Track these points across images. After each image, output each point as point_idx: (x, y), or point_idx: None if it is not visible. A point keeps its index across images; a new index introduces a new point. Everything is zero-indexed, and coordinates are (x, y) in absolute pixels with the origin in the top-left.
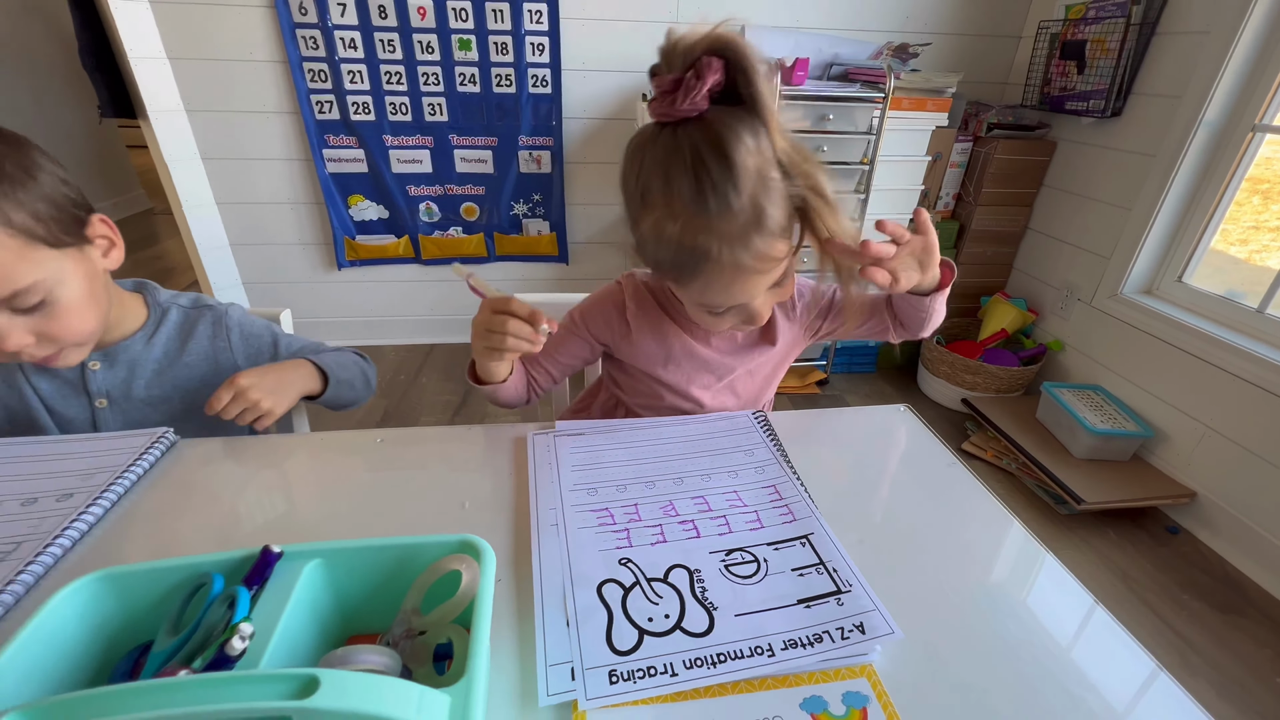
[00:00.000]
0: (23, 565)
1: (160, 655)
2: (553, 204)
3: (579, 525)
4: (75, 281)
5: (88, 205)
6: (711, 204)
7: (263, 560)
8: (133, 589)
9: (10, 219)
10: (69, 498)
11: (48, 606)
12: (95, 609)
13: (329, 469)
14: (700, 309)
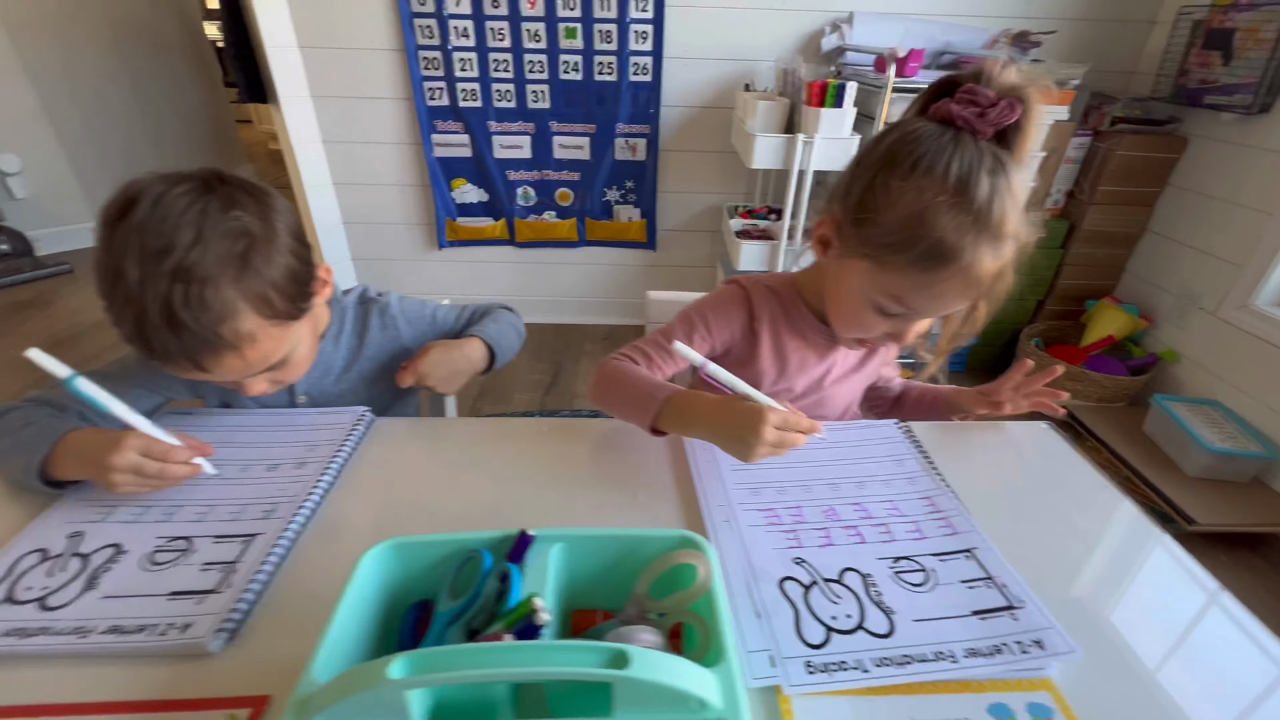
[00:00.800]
0: (285, 524)
1: (445, 615)
2: (645, 191)
3: (749, 523)
4: (307, 335)
5: (313, 262)
6: (995, 210)
7: (521, 542)
8: (412, 556)
9: (275, 309)
10: (303, 465)
11: (361, 565)
12: (383, 569)
13: (504, 453)
14: (873, 306)
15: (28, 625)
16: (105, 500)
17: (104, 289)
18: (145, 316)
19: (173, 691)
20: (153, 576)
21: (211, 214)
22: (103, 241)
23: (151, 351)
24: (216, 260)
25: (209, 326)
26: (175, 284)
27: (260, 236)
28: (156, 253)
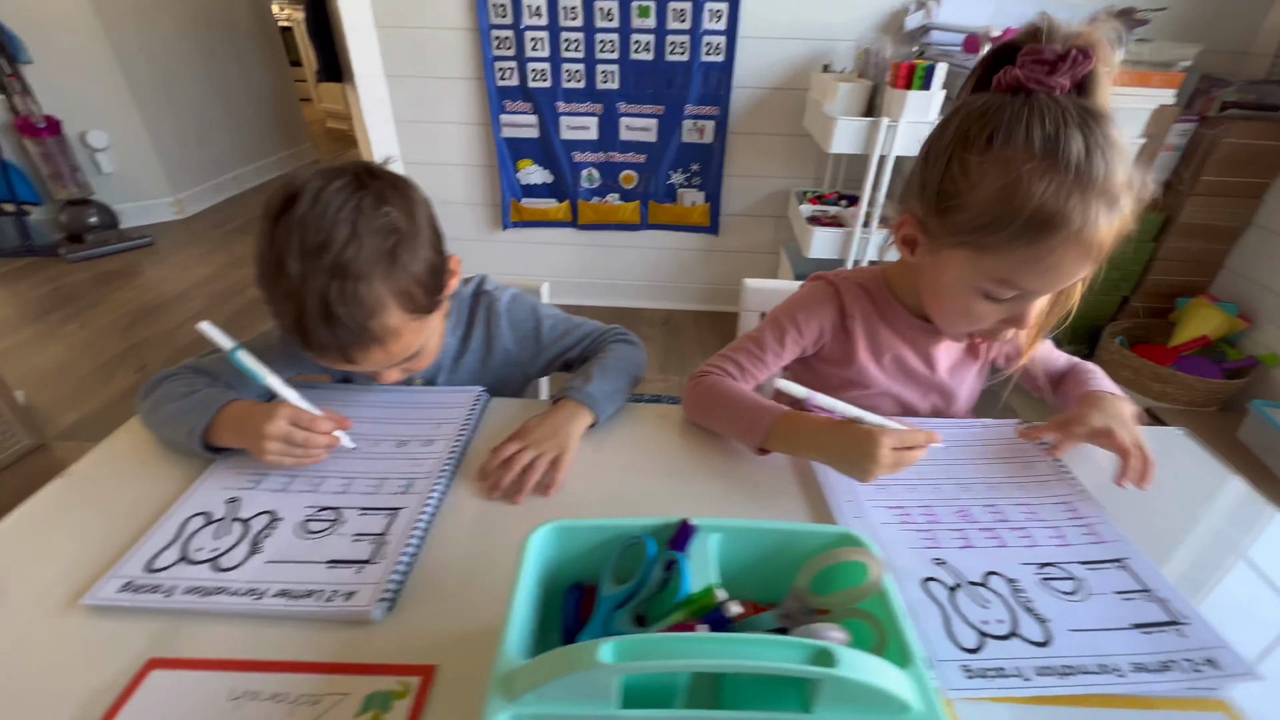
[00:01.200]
0: (424, 500)
1: (611, 599)
2: (710, 175)
3: (881, 520)
4: (439, 326)
5: (446, 254)
6: (1099, 167)
7: (682, 531)
8: (571, 539)
9: (417, 304)
10: (431, 443)
11: (530, 546)
12: (544, 551)
13: (622, 438)
14: (981, 295)
15: (205, 584)
16: (255, 469)
17: (265, 282)
18: (304, 311)
19: (343, 655)
20: (309, 544)
21: (365, 210)
22: (265, 235)
23: (308, 344)
24: (369, 257)
25: (360, 321)
26: (332, 280)
27: (406, 232)
28: (316, 248)
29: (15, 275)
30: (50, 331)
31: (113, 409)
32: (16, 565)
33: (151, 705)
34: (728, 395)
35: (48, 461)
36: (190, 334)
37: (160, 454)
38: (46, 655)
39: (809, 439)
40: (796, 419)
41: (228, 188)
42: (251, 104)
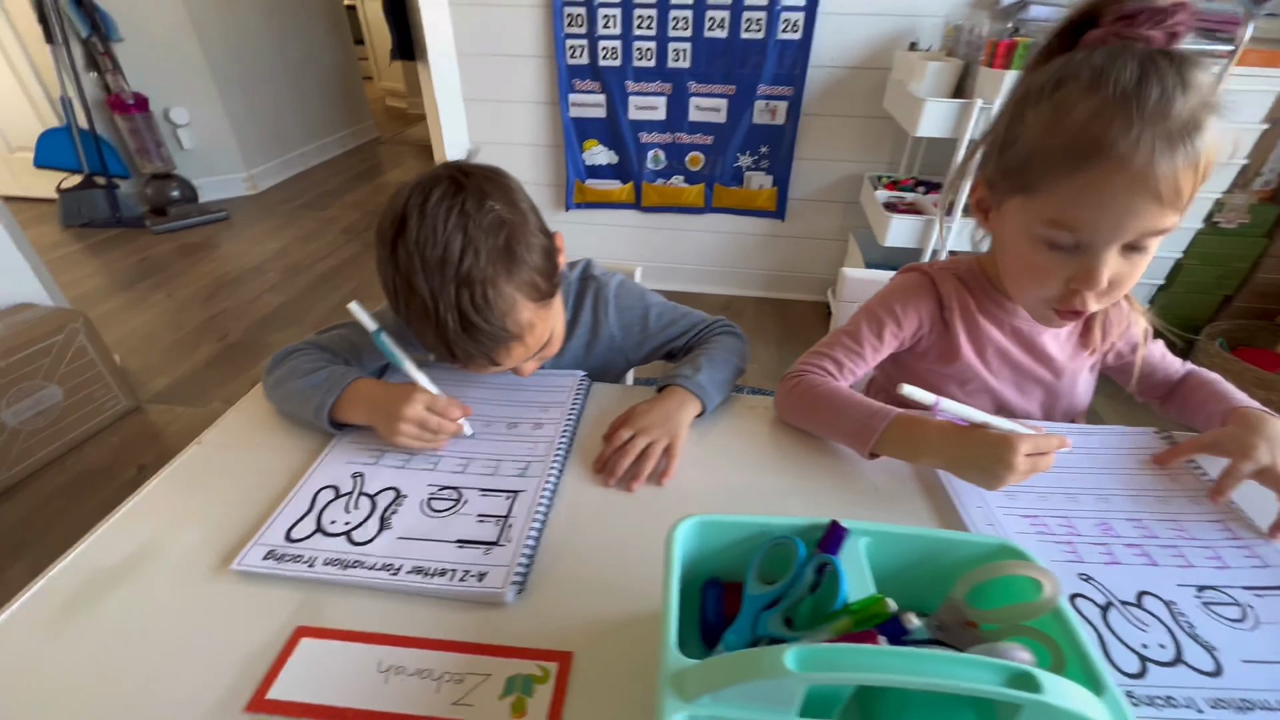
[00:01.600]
0: (542, 483)
1: (758, 599)
2: (779, 157)
3: (1017, 530)
4: (561, 309)
5: (551, 234)
6: (1152, 92)
7: (832, 533)
8: (711, 534)
9: (540, 291)
10: (541, 426)
11: (676, 541)
12: (683, 544)
13: (724, 430)
14: (1039, 243)
15: (343, 557)
16: (375, 446)
17: (399, 305)
18: (444, 327)
19: (479, 635)
20: (436, 523)
21: (470, 213)
22: (387, 261)
23: (454, 356)
24: (488, 258)
25: (497, 324)
26: (461, 291)
27: (514, 222)
28: (438, 264)
29: (107, 245)
30: (139, 300)
31: (199, 375)
32: (164, 529)
33: (305, 671)
34: (830, 396)
35: (142, 423)
36: (266, 306)
37: (282, 426)
38: (203, 617)
39: (930, 444)
40: (913, 422)
41: (295, 164)
42: (318, 82)
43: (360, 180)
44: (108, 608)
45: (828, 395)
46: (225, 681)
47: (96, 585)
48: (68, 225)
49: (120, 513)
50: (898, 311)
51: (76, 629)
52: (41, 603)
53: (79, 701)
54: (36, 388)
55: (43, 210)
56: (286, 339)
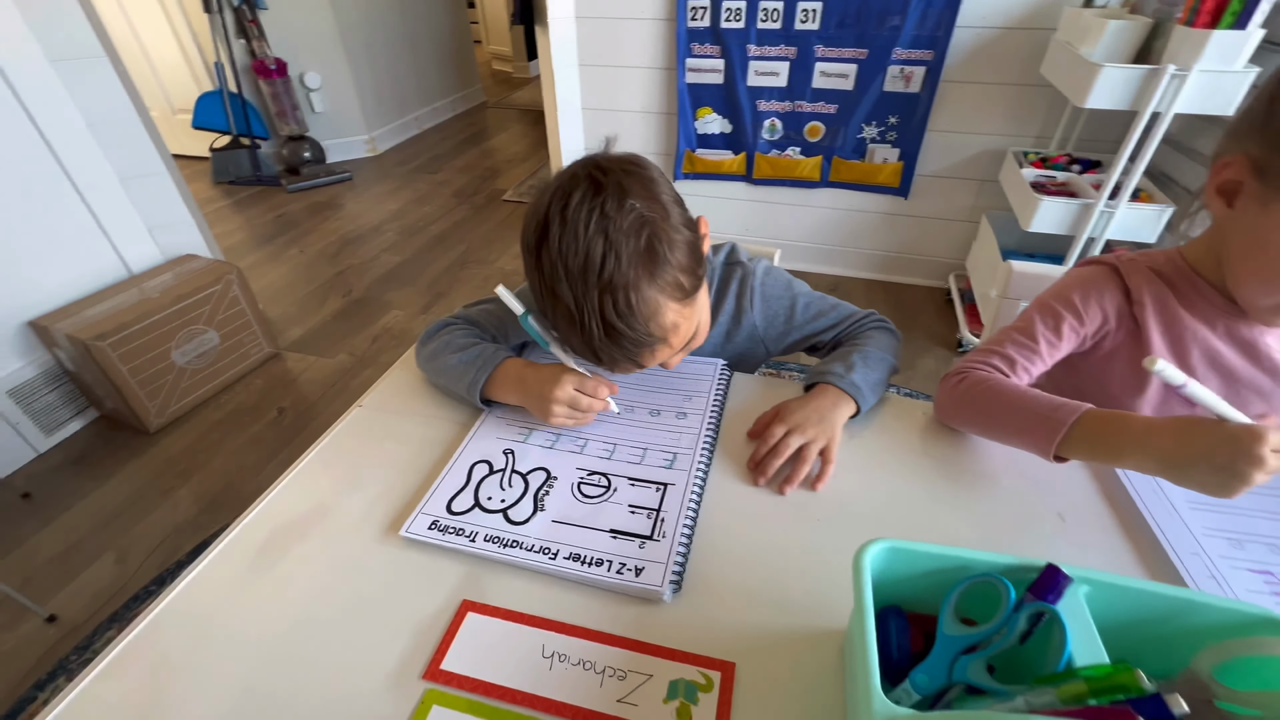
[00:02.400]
0: (691, 478)
1: (955, 640)
2: (910, 129)
3: (1247, 588)
4: (706, 298)
5: (695, 223)
6: None
7: (1050, 580)
8: (900, 561)
9: (685, 289)
10: (684, 416)
11: (865, 568)
12: (872, 569)
13: (875, 432)
14: None
15: (502, 535)
16: (523, 423)
17: (546, 310)
18: (590, 333)
19: (638, 632)
20: (588, 509)
21: (611, 214)
22: (533, 268)
23: (600, 361)
24: (630, 262)
25: (641, 329)
26: (604, 297)
27: (656, 219)
28: (580, 271)
29: (249, 201)
30: (277, 254)
31: (327, 328)
32: (335, 489)
33: (474, 646)
34: (1004, 391)
35: (281, 369)
36: (385, 265)
37: (432, 396)
38: (376, 579)
39: (1136, 440)
40: (1111, 417)
41: (410, 127)
42: (433, 47)
43: (468, 144)
44: (292, 562)
45: (1001, 390)
46: (400, 646)
47: (282, 539)
48: (217, 182)
49: (297, 469)
50: (1077, 304)
51: (266, 579)
52: (236, 550)
53: (269, 651)
54: (199, 332)
55: (198, 168)
56: (403, 298)
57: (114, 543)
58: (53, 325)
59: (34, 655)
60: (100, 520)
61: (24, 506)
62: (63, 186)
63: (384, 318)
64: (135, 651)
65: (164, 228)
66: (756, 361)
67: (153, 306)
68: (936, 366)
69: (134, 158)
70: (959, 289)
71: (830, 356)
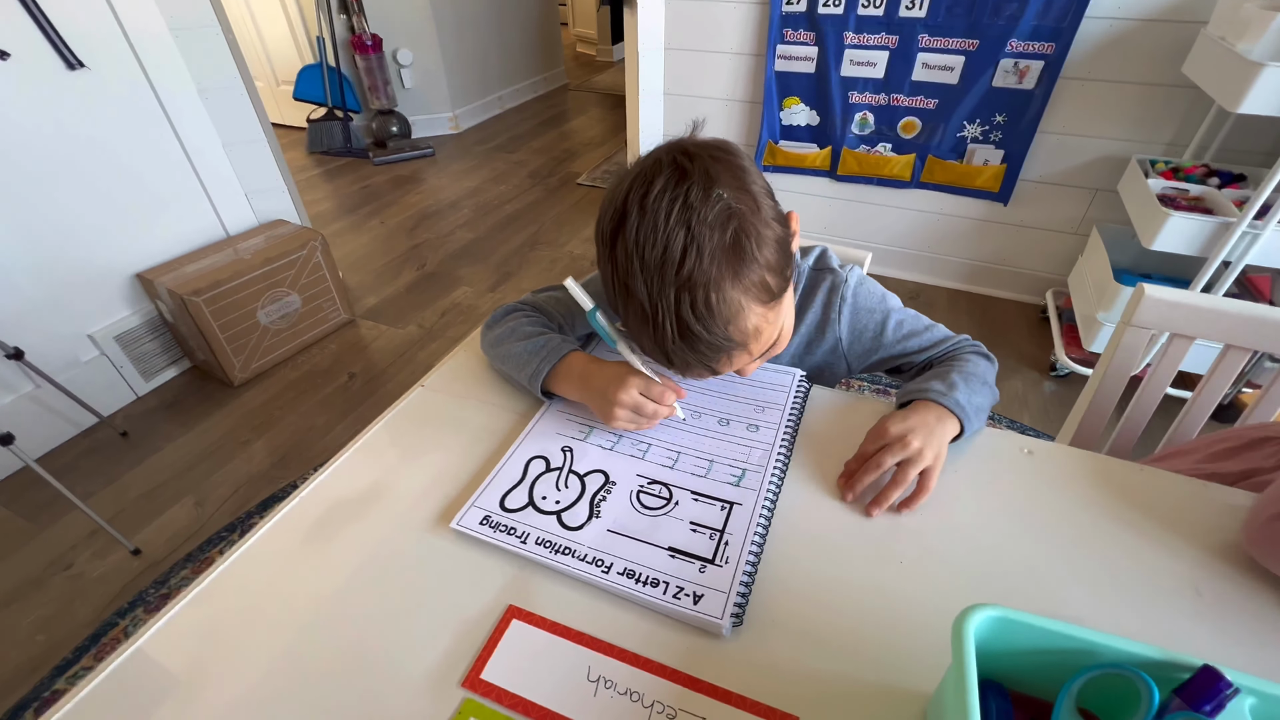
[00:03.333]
0: (759, 500)
1: None
2: (1018, 129)
3: None
4: (791, 302)
5: (786, 218)
6: None
7: (1207, 684)
8: (1009, 632)
9: (770, 292)
10: (756, 429)
11: (967, 636)
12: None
13: (974, 478)
14: None
15: (554, 539)
16: (583, 420)
17: (617, 306)
18: (663, 334)
19: (693, 667)
20: (647, 522)
21: (695, 205)
22: (606, 259)
23: (671, 364)
24: (712, 258)
25: (719, 332)
26: (681, 295)
27: (745, 211)
28: (658, 266)
29: (338, 172)
30: (359, 224)
31: (400, 299)
32: (391, 470)
33: (517, 657)
34: None
35: (355, 335)
36: (458, 241)
37: (494, 382)
38: (425, 570)
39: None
40: None
41: (492, 107)
42: (519, 27)
43: (547, 126)
44: (344, 542)
45: None
46: (442, 646)
47: (336, 517)
48: (311, 151)
49: (355, 447)
50: None
51: (316, 557)
52: (292, 523)
53: (311, 634)
54: (282, 294)
55: (295, 137)
56: (474, 275)
57: (195, 487)
58: (156, 279)
59: (120, 583)
60: (185, 464)
61: (121, 444)
62: (173, 149)
63: (453, 293)
64: (186, 620)
65: (260, 193)
66: (835, 378)
67: (244, 267)
68: (1024, 389)
69: (238, 125)
70: (1057, 307)
71: (926, 374)
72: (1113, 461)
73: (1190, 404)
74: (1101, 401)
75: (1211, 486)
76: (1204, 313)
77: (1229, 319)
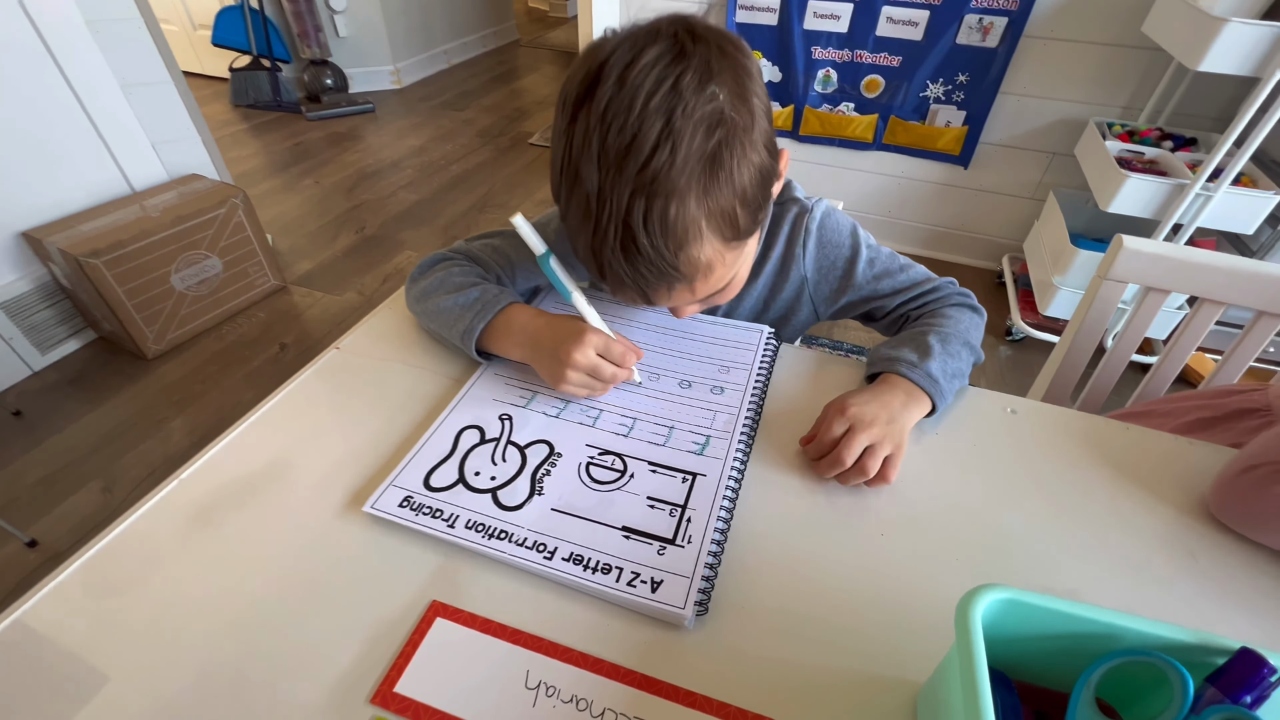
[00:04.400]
0: (725, 471)
1: None
2: (980, 89)
3: None
4: (753, 249)
5: (777, 152)
6: None
7: (1246, 668)
8: (1019, 616)
9: (736, 229)
10: (721, 391)
11: (974, 620)
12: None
13: (955, 441)
14: None
15: (488, 522)
16: (526, 383)
17: (559, 191)
18: (602, 237)
19: (650, 666)
20: (597, 497)
21: (684, 93)
22: (563, 132)
23: (603, 276)
24: (685, 165)
25: (668, 256)
26: (636, 199)
27: (736, 124)
28: (620, 154)
29: (267, 127)
30: (291, 183)
31: (338, 264)
32: (295, 445)
33: (440, 663)
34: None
35: (287, 303)
36: (401, 203)
37: (422, 343)
38: (330, 563)
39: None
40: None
41: (438, 61)
42: None
43: (498, 83)
44: (231, 532)
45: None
46: (348, 655)
47: (225, 500)
48: (236, 104)
49: (250, 420)
50: None
51: (201, 544)
52: (164, 515)
53: (186, 646)
54: (200, 257)
55: (217, 89)
56: (418, 238)
57: (103, 470)
58: (46, 238)
59: (13, 579)
60: (90, 446)
61: (14, 425)
62: (59, 89)
63: (396, 257)
64: (17, 635)
65: (169, 143)
66: (801, 326)
67: (152, 225)
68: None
69: (137, 64)
70: (1013, 272)
71: (900, 337)
72: (1098, 420)
73: (1162, 359)
74: (1074, 358)
75: (1197, 444)
76: (1180, 265)
77: (1205, 271)
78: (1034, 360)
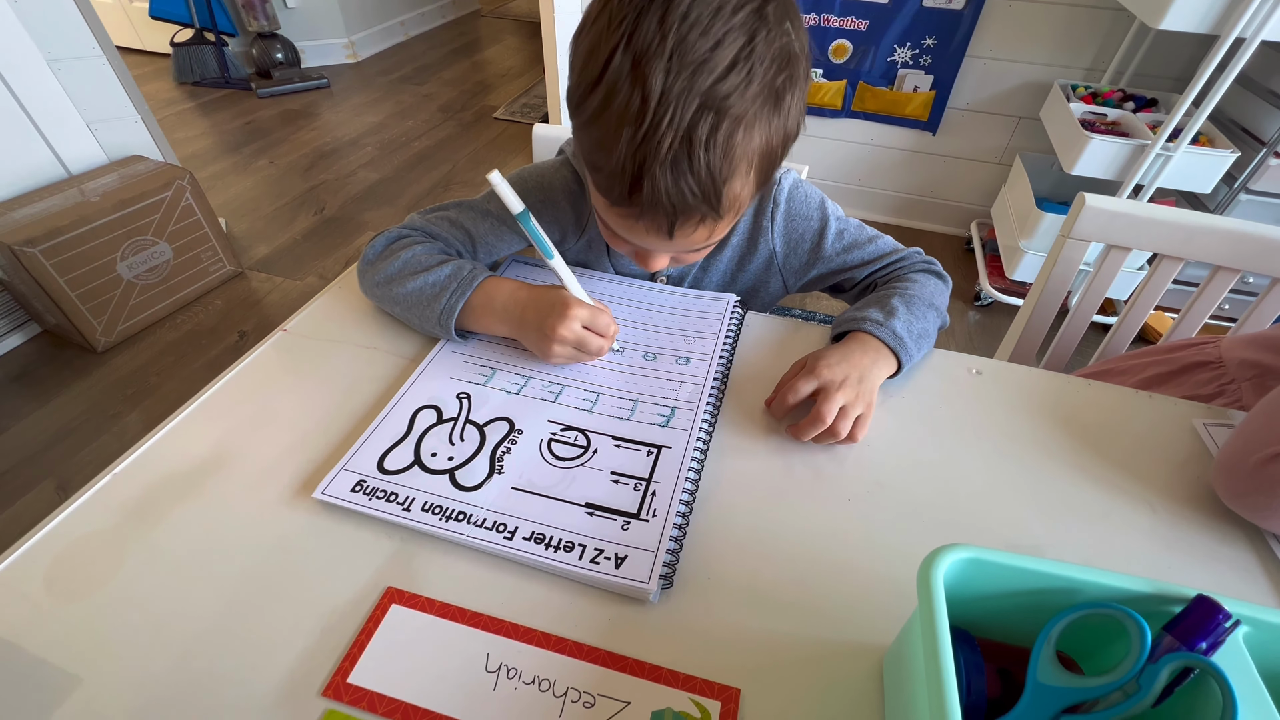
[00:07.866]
0: (690, 443)
1: (1054, 692)
2: (947, 53)
3: None
4: None
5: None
6: None
7: (1201, 615)
8: (981, 574)
9: (765, 173)
10: (687, 362)
11: (936, 580)
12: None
13: (920, 405)
14: None
15: (445, 504)
16: (486, 359)
17: (594, 84)
18: (655, 147)
19: (612, 642)
20: (559, 475)
21: (769, 19)
22: (618, 21)
23: (635, 190)
24: (759, 93)
25: (717, 182)
26: (704, 113)
27: (799, 69)
28: (698, 64)
29: (215, 105)
30: (244, 164)
31: (297, 247)
32: (241, 432)
33: (395, 651)
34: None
35: (245, 289)
36: (362, 182)
37: (377, 323)
38: (278, 552)
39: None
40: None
41: (395, 33)
42: None
43: (458, 55)
44: (174, 524)
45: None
46: (299, 647)
47: (165, 493)
48: (181, 82)
49: (191, 407)
50: None
51: (141, 540)
52: (104, 507)
53: (124, 645)
54: (148, 243)
55: (159, 65)
56: (380, 219)
57: (55, 469)
58: None
59: None
60: (40, 444)
61: None
62: None
63: (358, 239)
64: None
65: (106, 123)
66: (771, 298)
67: (91, 211)
68: (950, 320)
69: (64, 36)
70: (981, 238)
71: (865, 300)
72: (1059, 377)
73: (1122, 316)
74: (1039, 319)
75: (1157, 398)
76: (1141, 221)
77: (1165, 228)
78: (1002, 325)
